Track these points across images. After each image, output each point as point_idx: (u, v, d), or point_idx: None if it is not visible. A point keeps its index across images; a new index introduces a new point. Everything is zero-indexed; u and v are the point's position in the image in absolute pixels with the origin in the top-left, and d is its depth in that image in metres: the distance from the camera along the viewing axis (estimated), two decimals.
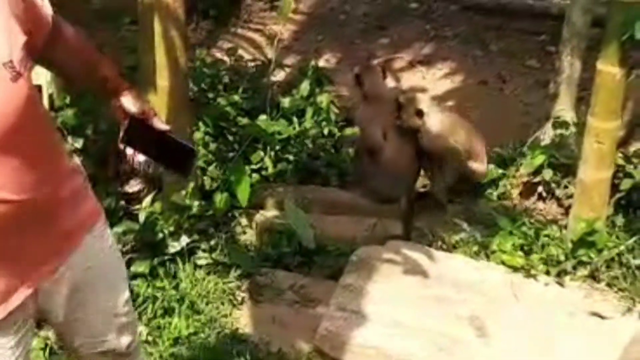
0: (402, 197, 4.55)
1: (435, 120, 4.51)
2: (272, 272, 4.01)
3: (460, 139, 4.56)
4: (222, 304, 3.83)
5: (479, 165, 4.65)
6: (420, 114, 4.46)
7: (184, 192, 4.12)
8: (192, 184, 4.15)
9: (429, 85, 6.52)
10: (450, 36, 7.51)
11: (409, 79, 6.81)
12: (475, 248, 3.92)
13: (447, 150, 4.54)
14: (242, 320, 3.79)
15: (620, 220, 3.91)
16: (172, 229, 4.01)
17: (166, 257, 3.95)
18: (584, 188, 3.79)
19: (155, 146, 2.33)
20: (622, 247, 3.70)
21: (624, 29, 3.41)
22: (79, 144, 4.64)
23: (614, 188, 3.98)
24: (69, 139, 4.69)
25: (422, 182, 4.89)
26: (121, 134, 2.29)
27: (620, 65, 3.56)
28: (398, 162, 4.58)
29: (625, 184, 4.00)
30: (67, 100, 4.84)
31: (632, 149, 4.50)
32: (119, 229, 4.10)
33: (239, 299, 3.91)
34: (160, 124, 2.32)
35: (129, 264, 3.92)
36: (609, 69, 3.58)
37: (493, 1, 7.75)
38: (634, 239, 3.75)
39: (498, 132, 4.94)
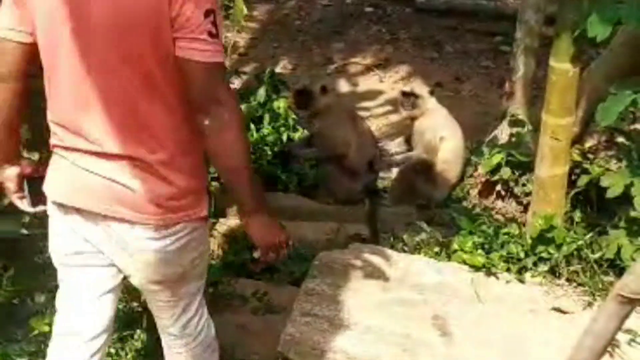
0: (365, 198, 4.58)
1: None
2: (235, 280, 3.98)
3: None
4: None
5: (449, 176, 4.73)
6: (432, 92, 4.65)
7: None
8: None
9: (386, 89, 6.55)
10: (406, 39, 7.57)
11: (366, 83, 6.84)
12: (436, 249, 3.93)
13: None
14: None
15: (578, 215, 3.95)
16: None
17: None
18: (541, 185, 3.82)
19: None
20: (580, 242, 3.72)
21: (575, 26, 3.44)
22: (35, 157, 4.59)
23: (571, 184, 4.02)
24: (24, 153, 4.64)
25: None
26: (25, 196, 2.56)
27: (573, 61, 3.59)
28: (361, 164, 4.62)
29: (582, 179, 4.04)
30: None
31: (587, 144, 4.55)
32: None
33: None
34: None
35: None
36: (561, 65, 3.62)
37: (447, 3, 7.82)
38: (592, 233, 3.79)
39: None
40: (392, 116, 5.93)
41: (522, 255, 3.73)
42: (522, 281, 3.61)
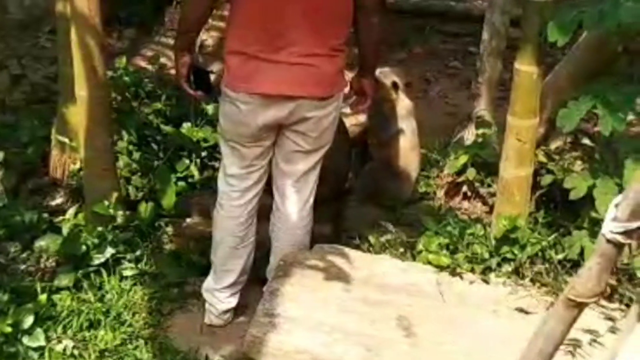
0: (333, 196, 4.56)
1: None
2: (200, 280, 3.97)
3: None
4: (150, 314, 3.80)
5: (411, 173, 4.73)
6: (396, 86, 4.74)
7: (107, 203, 4.07)
8: (115, 195, 4.11)
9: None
10: None
11: None
12: (401, 249, 3.96)
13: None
14: (171, 330, 3.76)
15: (542, 216, 3.98)
16: (96, 240, 3.96)
17: (90, 269, 3.90)
18: (505, 186, 3.84)
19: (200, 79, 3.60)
20: (544, 243, 3.75)
21: (539, 29, 3.47)
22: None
23: (537, 185, 4.05)
24: None
25: None
26: (191, 81, 3.57)
27: (537, 64, 3.62)
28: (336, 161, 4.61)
29: (546, 180, 4.07)
30: None
31: (553, 145, 4.59)
32: (42, 242, 4.06)
33: (167, 308, 3.87)
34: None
35: (52, 277, 3.88)
36: (526, 68, 3.64)
37: (415, 4, 7.84)
38: (555, 234, 3.82)
39: (423, 133, 4.99)
40: (362, 117, 5.92)
41: (486, 255, 3.76)
42: (486, 281, 3.63)
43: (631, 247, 1.94)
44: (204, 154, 4.92)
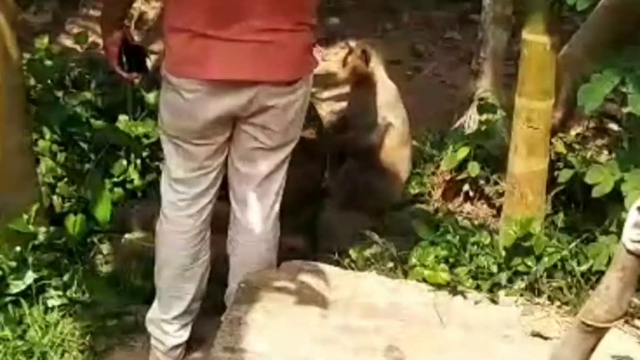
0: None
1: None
2: (144, 309, 3.96)
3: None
4: (82, 352, 3.80)
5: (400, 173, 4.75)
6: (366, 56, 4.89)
7: (26, 217, 4.05)
8: (35, 207, 4.09)
9: (330, 68, 6.55)
10: (355, 6, 7.58)
11: None
12: (390, 264, 3.96)
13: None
14: None
15: (561, 219, 4.00)
16: (13, 263, 3.94)
17: (8, 300, 3.89)
18: (515, 183, 3.86)
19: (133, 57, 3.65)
20: (564, 252, 3.77)
21: None
22: None
23: (553, 181, 4.07)
24: None
25: None
26: (123, 62, 3.60)
27: (551, 33, 3.63)
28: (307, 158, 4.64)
29: (565, 174, 4.09)
30: None
31: (572, 132, 4.61)
32: None
33: (103, 345, 3.87)
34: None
35: None
36: (537, 38, 3.66)
37: None
38: (577, 241, 3.83)
39: (415, 122, 5.01)
40: (339, 104, 5.95)
41: (494, 269, 3.78)
42: (494, 301, 3.65)
43: None
44: (145, 153, 4.91)
